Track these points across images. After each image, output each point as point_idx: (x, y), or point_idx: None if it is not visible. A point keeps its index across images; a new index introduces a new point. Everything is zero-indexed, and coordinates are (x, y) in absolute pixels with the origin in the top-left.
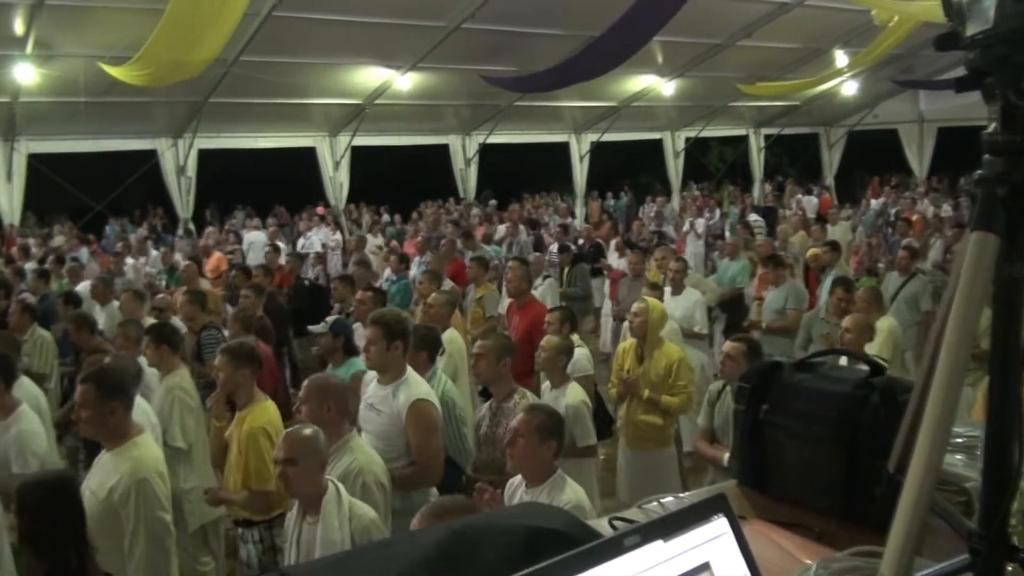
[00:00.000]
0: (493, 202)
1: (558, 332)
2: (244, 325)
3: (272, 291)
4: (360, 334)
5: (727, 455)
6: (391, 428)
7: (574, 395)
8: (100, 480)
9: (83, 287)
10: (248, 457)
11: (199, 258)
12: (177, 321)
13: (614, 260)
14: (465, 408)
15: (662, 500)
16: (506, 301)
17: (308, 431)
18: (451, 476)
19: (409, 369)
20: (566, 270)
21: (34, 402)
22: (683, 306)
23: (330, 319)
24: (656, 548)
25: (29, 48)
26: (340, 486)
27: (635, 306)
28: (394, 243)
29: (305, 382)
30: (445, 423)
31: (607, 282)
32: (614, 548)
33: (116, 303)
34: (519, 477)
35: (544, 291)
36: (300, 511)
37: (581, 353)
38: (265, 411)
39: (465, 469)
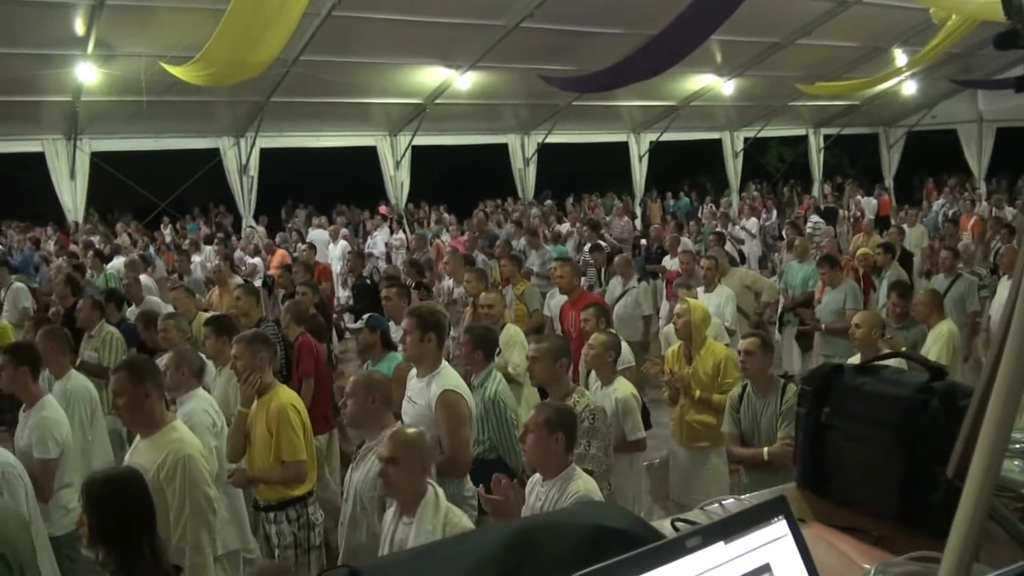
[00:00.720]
0: (549, 202)
1: (595, 328)
2: (296, 318)
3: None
4: (393, 330)
5: (766, 449)
6: (424, 419)
7: (624, 389)
8: (145, 462)
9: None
10: (280, 431)
11: (232, 258)
12: None
13: (667, 261)
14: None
15: (723, 502)
16: (556, 300)
17: (413, 431)
18: None
19: (444, 362)
20: (602, 270)
21: (85, 393)
22: (715, 302)
23: (366, 316)
24: (717, 549)
25: (90, 48)
26: (440, 491)
27: (677, 307)
28: (437, 242)
29: (351, 378)
30: (496, 424)
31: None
32: (677, 549)
33: (152, 298)
34: (538, 474)
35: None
36: (397, 510)
37: (623, 346)
38: (287, 391)
39: (516, 471)
